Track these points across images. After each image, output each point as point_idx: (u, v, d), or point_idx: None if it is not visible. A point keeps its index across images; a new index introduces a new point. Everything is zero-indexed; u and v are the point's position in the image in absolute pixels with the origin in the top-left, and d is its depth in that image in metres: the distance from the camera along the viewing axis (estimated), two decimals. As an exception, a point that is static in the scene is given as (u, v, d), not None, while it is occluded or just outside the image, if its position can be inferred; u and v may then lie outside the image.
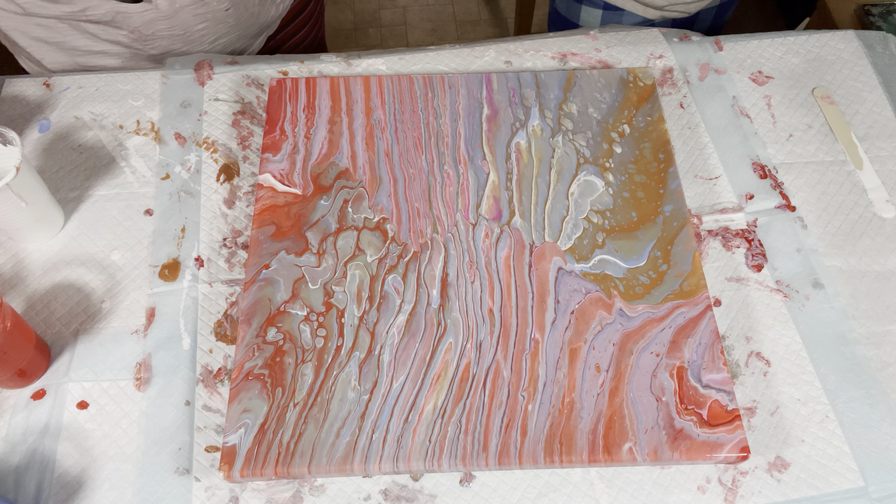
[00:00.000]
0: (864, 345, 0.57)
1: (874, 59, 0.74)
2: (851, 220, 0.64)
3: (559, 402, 0.52)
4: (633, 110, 0.67)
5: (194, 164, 0.67)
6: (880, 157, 0.67)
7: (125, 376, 0.56)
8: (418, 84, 0.69)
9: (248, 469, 0.50)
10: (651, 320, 0.55)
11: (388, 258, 0.59)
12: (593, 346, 0.54)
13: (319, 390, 0.53)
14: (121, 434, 0.54)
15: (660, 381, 0.53)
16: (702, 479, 0.52)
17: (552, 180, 0.63)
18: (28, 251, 0.62)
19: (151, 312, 0.59)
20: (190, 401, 0.55)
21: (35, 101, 0.72)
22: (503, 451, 0.51)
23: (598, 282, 0.57)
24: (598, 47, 0.75)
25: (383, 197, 0.62)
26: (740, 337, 0.58)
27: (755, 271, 0.61)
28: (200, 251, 0.62)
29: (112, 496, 0.52)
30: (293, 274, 0.58)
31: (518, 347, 0.55)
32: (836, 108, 0.70)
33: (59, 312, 0.59)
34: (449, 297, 0.57)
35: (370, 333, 0.55)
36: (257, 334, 0.55)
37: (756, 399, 0.55)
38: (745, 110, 0.70)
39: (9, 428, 0.54)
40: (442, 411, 0.52)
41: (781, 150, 0.68)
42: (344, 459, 0.50)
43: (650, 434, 0.51)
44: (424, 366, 0.54)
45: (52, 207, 0.62)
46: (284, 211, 0.62)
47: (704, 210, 0.64)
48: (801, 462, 0.52)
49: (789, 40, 0.76)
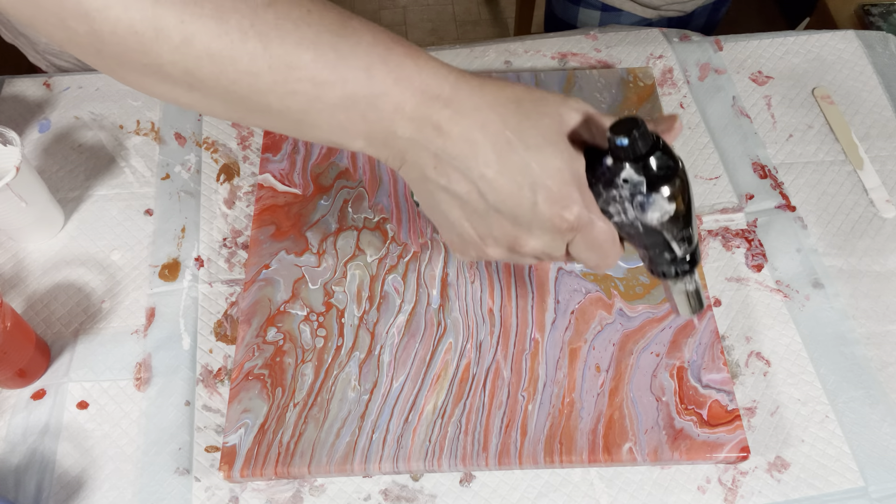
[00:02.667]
0: (864, 345, 0.57)
1: (874, 59, 0.74)
2: (851, 220, 0.64)
3: (559, 402, 0.52)
4: (633, 110, 0.67)
5: (194, 164, 0.67)
6: (880, 157, 0.67)
7: (125, 376, 0.56)
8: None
9: (248, 469, 0.50)
10: (651, 320, 0.55)
11: (388, 258, 0.59)
12: (593, 346, 0.54)
13: (319, 390, 0.53)
14: (121, 434, 0.54)
15: (660, 381, 0.53)
16: (702, 479, 0.52)
17: (552, 180, 0.63)
18: (28, 251, 0.62)
19: (151, 312, 0.59)
20: (190, 401, 0.55)
21: (35, 101, 0.72)
22: (503, 452, 0.51)
23: (598, 282, 0.57)
24: (598, 47, 0.75)
25: (383, 197, 0.62)
26: (740, 337, 0.58)
27: (755, 271, 0.61)
28: (200, 251, 0.62)
29: (112, 496, 0.52)
30: (293, 274, 0.58)
31: (518, 347, 0.55)
32: (836, 108, 0.70)
33: (59, 312, 0.59)
34: (449, 297, 0.57)
35: (370, 333, 0.56)
36: (257, 334, 0.55)
37: (756, 399, 0.55)
38: (745, 110, 0.70)
39: (9, 428, 0.54)
40: (442, 411, 0.52)
41: (781, 150, 0.68)
42: (344, 459, 0.50)
43: (650, 434, 0.51)
44: (424, 366, 0.54)
45: (52, 207, 0.62)
46: (284, 211, 0.62)
47: (704, 210, 0.64)
48: (801, 462, 0.52)
49: (789, 40, 0.76)
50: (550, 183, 0.35)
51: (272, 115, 0.35)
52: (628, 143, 0.35)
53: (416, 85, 0.34)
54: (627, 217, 0.37)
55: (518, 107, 0.35)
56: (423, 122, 0.34)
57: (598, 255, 0.38)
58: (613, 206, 0.37)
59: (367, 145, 0.36)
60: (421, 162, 0.36)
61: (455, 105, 0.34)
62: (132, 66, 0.33)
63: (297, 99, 0.34)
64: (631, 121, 0.35)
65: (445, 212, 0.38)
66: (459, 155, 0.35)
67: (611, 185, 0.36)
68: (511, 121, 0.35)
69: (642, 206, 0.36)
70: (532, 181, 0.35)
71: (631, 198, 0.36)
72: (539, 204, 0.35)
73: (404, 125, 0.34)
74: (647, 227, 0.37)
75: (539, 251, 0.38)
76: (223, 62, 0.32)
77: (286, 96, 0.33)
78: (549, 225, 0.36)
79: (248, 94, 0.33)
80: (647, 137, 0.35)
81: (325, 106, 0.34)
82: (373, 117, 0.34)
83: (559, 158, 0.35)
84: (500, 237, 0.37)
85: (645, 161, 0.35)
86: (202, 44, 0.31)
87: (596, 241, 0.38)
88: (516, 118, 0.35)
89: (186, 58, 0.32)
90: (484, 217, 0.37)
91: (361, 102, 0.34)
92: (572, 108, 0.37)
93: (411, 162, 0.36)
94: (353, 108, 0.34)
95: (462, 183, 0.36)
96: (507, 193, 0.35)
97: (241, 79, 0.33)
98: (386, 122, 0.34)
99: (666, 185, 0.36)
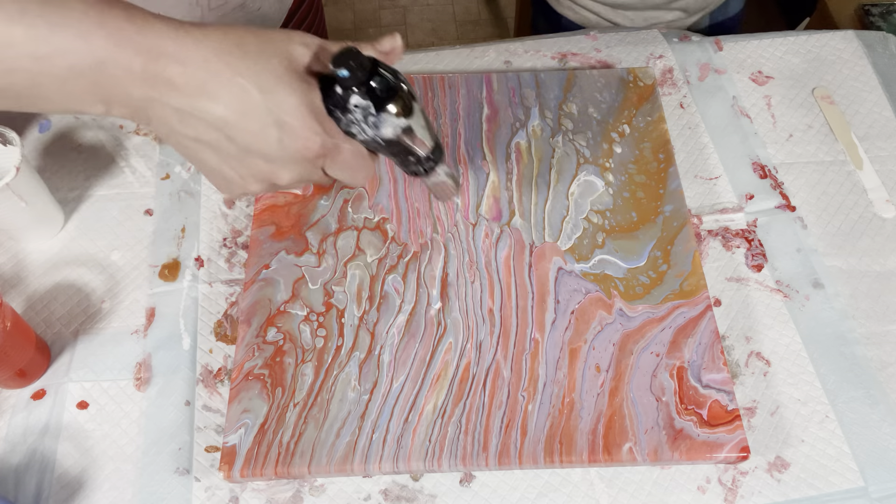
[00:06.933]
0: (864, 345, 0.57)
1: (874, 59, 0.74)
2: (851, 220, 0.64)
3: (559, 402, 0.52)
4: (633, 110, 0.67)
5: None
6: (880, 157, 0.67)
7: (125, 376, 0.56)
8: (418, 84, 0.69)
9: (248, 469, 0.50)
10: (651, 320, 0.55)
11: (388, 258, 0.59)
12: (593, 346, 0.54)
13: (319, 390, 0.53)
14: (121, 434, 0.54)
15: (660, 381, 0.53)
16: (702, 479, 0.52)
17: (552, 180, 0.63)
18: (28, 251, 0.62)
19: (151, 312, 0.59)
20: (190, 401, 0.55)
21: (35, 101, 0.72)
22: (503, 451, 0.51)
23: (598, 282, 0.57)
24: (598, 47, 0.75)
25: (383, 197, 0.62)
26: (740, 337, 0.58)
27: (755, 271, 0.61)
28: (200, 251, 0.62)
29: (112, 496, 0.52)
30: (293, 274, 0.58)
31: (518, 347, 0.55)
32: (836, 108, 0.70)
33: (59, 312, 0.59)
34: (449, 297, 0.57)
35: (370, 333, 0.55)
36: (257, 334, 0.55)
37: (756, 399, 0.55)
38: (745, 110, 0.70)
39: (9, 428, 0.54)
40: (442, 411, 0.52)
41: (781, 150, 0.68)
42: (344, 459, 0.50)
43: (650, 434, 0.51)
44: (424, 366, 0.54)
45: (52, 207, 0.62)
46: (284, 211, 0.62)
47: (704, 210, 0.64)
48: (801, 462, 0.52)
49: (789, 40, 0.76)
50: (290, 119, 0.37)
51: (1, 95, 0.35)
52: (349, 74, 0.38)
53: (138, 45, 0.34)
54: (368, 135, 0.41)
55: (244, 52, 0.37)
56: (155, 81, 0.35)
57: (351, 172, 0.42)
58: (354, 128, 0.41)
59: (107, 110, 0.36)
60: (165, 118, 0.37)
61: (182, 59, 0.35)
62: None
63: (21, 76, 0.34)
64: (347, 52, 0.38)
65: (203, 160, 0.40)
66: (199, 107, 0.36)
67: (345, 110, 0.40)
68: (240, 66, 0.36)
69: (376, 125, 0.41)
70: (273, 120, 0.37)
71: (364, 119, 0.40)
72: (284, 140, 0.38)
73: (137, 86, 0.35)
74: (387, 140, 0.42)
75: (296, 181, 0.41)
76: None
77: (7, 74, 0.33)
78: (298, 157, 0.39)
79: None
80: (364, 65, 0.38)
81: (52, 79, 0.34)
82: (105, 83, 0.35)
83: (294, 95, 0.37)
84: (258, 174, 0.40)
85: (367, 86, 0.39)
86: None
87: (346, 162, 0.41)
88: (244, 63, 0.37)
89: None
90: (238, 158, 0.39)
91: (87, 71, 0.34)
92: (299, 43, 0.39)
93: (156, 119, 0.37)
94: (80, 77, 0.34)
95: (209, 132, 0.37)
96: (252, 136, 0.37)
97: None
98: (119, 86, 0.35)
99: (391, 103, 0.40)
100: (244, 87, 0.36)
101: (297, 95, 0.38)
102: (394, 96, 0.40)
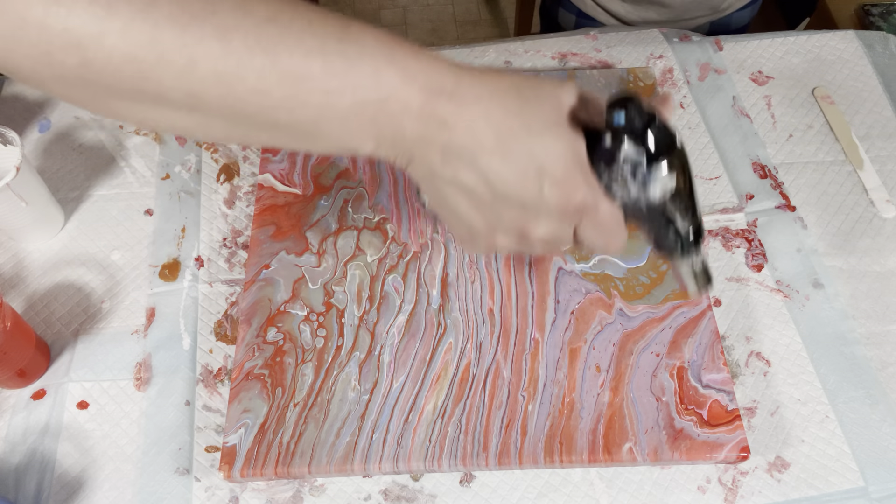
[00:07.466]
0: (864, 345, 0.57)
1: (874, 59, 0.74)
2: (851, 220, 0.64)
3: (559, 402, 0.52)
4: (633, 110, 0.67)
5: (194, 164, 0.67)
6: (880, 157, 0.67)
7: (125, 376, 0.56)
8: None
9: (248, 469, 0.50)
10: (651, 320, 0.55)
11: (389, 258, 0.59)
12: (593, 346, 0.54)
13: (319, 390, 0.53)
14: (121, 434, 0.54)
15: (660, 381, 0.53)
16: (702, 479, 0.52)
17: (552, 180, 0.63)
18: (28, 251, 0.62)
19: (151, 312, 0.59)
20: (190, 401, 0.55)
21: (35, 101, 0.72)
22: (503, 452, 0.51)
23: (598, 282, 0.57)
24: (598, 47, 0.75)
25: (383, 197, 0.62)
26: (740, 337, 0.58)
27: (755, 271, 0.61)
28: (200, 251, 0.62)
29: (112, 496, 0.52)
30: (293, 274, 0.58)
31: (518, 347, 0.55)
32: (836, 108, 0.70)
33: (59, 312, 0.59)
34: (449, 296, 0.57)
35: (370, 333, 0.55)
36: (257, 334, 0.55)
37: (756, 399, 0.55)
38: (745, 110, 0.70)
39: (9, 428, 0.54)
40: (442, 411, 0.52)
41: (781, 150, 0.68)
42: (344, 459, 0.50)
43: (650, 434, 0.51)
44: (424, 366, 0.54)
45: (52, 207, 0.62)
46: (284, 211, 0.62)
47: (704, 210, 0.64)
48: (801, 462, 0.52)
49: (789, 40, 0.76)
50: (555, 167, 0.35)
51: (279, 131, 0.35)
52: (626, 119, 0.35)
53: (420, 82, 0.34)
54: (630, 195, 0.37)
55: (518, 93, 0.36)
56: (429, 119, 0.34)
57: (605, 236, 0.39)
58: (616, 186, 0.37)
59: (376, 148, 0.36)
60: (428, 158, 0.36)
61: (458, 98, 0.34)
62: (124, 94, 0.32)
63: (308, 111, 0.33)
64: (626, 97, 0.35)
65: (454, 206, 0.38)
66: (465, 146, 0.35)
67: (612, 163, 0.37)
68: (513, 107, 0.35)
69: (644, 181, 0.36)
70: (537, 167, 0.35)
71: (632, 174, 0.36)
72: (545, 189, 0.36)
73: (412, 123, 0.35)
74: (650, 203, 0.37)
75: (548, 237, 0.38)
76: (230, 81, 0.32)
77: (296, 109, 0.33)
78: (556, 209, 0.36)
79: (256, 111, 0.33)
80: (643, 112, 0.35)
81: (336, 114, 0.34)
82: (382, 120, 0.34)
83: (561, 142, 0.36)
84: (509, 226, 0.38)
85: (643, 135, 0.35)
86: (207, 65, 0.31)
87: (602, 223, 0.38)
88: (517, 104, 0.35)
89: (191, 81, 0.31)
90: (492, 207, 0.37)
91: (371, 107, 0.34)
92: (568, 90, 0.37)
93: (419, 159, 0.36)
94: (362, 113, 0.34)
95: (469, 174, 0.36)
96: (513, 181, 0.35)
97: (249, 96, 0.32)
98: (395, 123, 0.34)
99: (665, 158, 0.36)
100: (513, 128, 0.35)
101: (564, 142, 0.36)
102: (670, 151, 0.36)
